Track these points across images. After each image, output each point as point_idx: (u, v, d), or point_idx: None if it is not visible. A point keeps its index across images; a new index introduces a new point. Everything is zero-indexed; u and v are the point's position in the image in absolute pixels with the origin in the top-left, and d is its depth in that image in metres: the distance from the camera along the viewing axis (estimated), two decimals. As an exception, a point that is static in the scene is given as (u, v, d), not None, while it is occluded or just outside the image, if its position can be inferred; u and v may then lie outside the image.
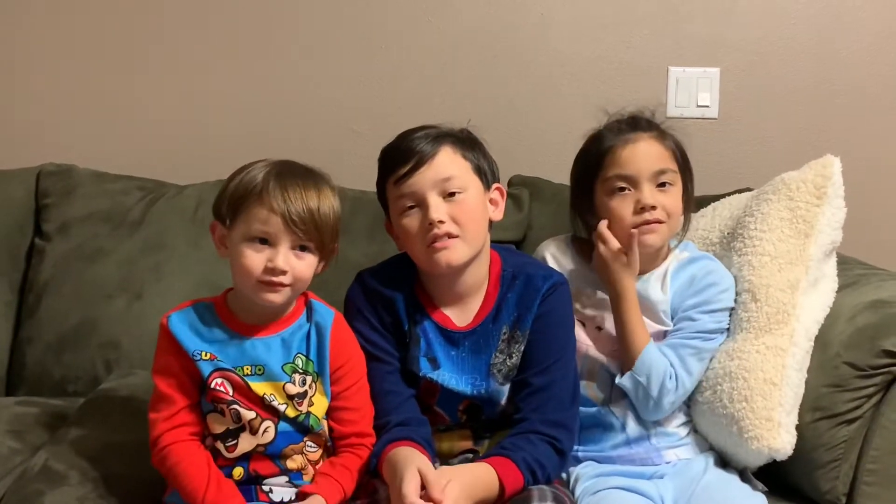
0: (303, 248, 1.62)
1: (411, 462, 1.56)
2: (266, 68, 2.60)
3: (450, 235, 1.69)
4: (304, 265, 1.62)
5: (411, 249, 1.75)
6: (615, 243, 1.86)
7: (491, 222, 1.79)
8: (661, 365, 1.83)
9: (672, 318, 1.91)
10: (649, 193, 1.86)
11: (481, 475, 1.61)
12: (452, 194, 1.71)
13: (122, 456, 1.78)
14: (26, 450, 1.91)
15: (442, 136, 1.75)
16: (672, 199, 1.88)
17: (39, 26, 2.59)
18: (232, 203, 1.62)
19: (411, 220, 1.72)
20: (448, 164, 1.72)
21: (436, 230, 1.69)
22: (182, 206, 2.36)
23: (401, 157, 1.73)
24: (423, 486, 1.53)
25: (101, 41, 2.59)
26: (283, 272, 1.59)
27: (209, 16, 2.59)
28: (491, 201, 1.79)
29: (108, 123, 2.61)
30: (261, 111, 2.60)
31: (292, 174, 1.63)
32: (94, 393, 2.09)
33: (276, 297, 1.62)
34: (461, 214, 1.70)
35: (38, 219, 2.40)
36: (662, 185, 1.87)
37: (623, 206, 1.87)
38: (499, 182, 1.82)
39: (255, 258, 1.60)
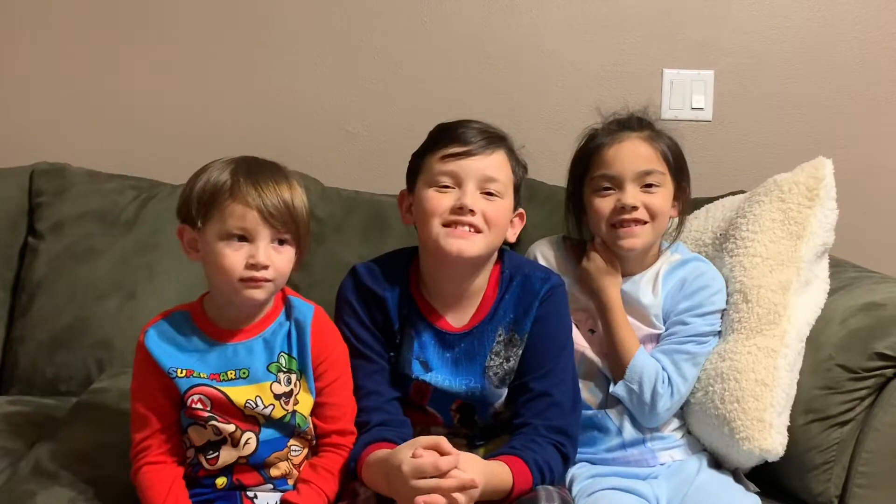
0: (281, 242, 1.61)
1: (398, 450, 1.54)
2: (260, 68, 2.60)
3: (472, 227, 1.69)
4: (283, 259, 1.61)
5: (426, 226, 1.72)
6: (601, 262, 1.89)
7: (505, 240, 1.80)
8: (651, 370, 1.83)
9: (664, 322, 1.91)
10: (631, 194, 1.85)
11: (496, 469, 1.59)
12: (489, 194, 1.71)
13: (113, 456, 1.77)
14: (18, 449, 1.91)
15: (503, 140, 1.76)
16: (658, 200, 1.87)
17: (33, 26, 2.58)
18: (202, 204, 1.59)
19: (443, 196, 1.70)
20: (499, 166, 1.73)
21: (463, 217, 1.68)
22: (175, 206, 2.35)
23: (460, 137, 1.72)
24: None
25: (96, 40, 2.58)
26: (265, 267, 1.58)
27: (204, 16, 2.58)
28: (511, 221, 1.79)
29: (101, 122, 2.60)
30: (255, 111, 2.60)
31: (260, 169, 1.61)
32: (86, 393, 2.08)
33: (259, 294, 1.60)
34: (492, 214, 1.70)
35: (32, 218, 2.39)
36: (648, 185, 1.87)
37: (605, 205, 1.88)
38: (522, 210, 1.83)
39: (235, 256, 1.57)
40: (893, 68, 2.58)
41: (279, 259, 1.60)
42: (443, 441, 1.52)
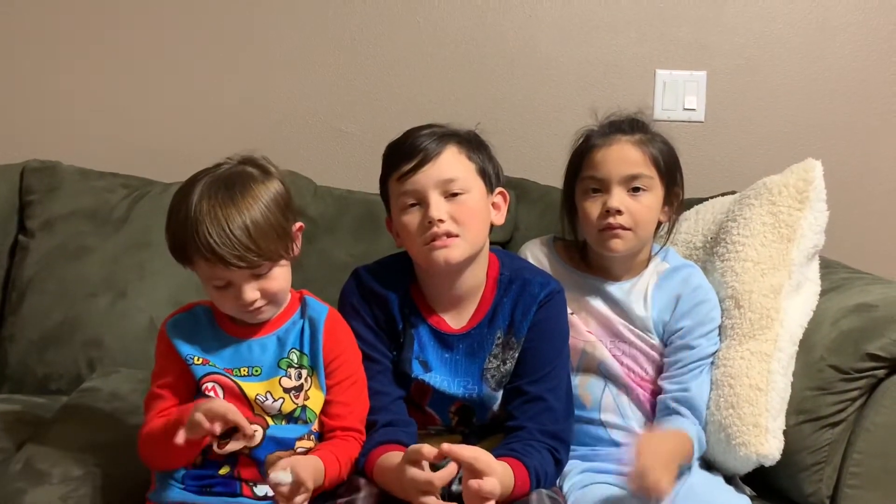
0: (259, 276, 1.60)
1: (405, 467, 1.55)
2: (252, 66, 2.59)
3: (449, 235, 1.68)
4: (276, 282, 1.62)
5: (410, 247, 1.74)
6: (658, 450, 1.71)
7: (492, 226, 1.78)
8: (700, 449, 1.83)
9: (658, 336, 1.89)
10: (617, 197, 1.83)
11: (505, 472, 1.59)
12: (454, 194, 1.69)
13: (104, 454, 1.77)
14: (8, 448, 1.90)
15: (448, 136, 1.73)
16: (642, 205, 1.85)
17: (25, 24, 2.57)
18: (178, 257, 1.62)
19: (411, 218, 1.70)
20: (452, 164, 1.71)
21: (435, 229, 1.67)
22: (167, 204, 2.28)
23: (405, 154, 1.71)
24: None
25: (88, 38, 2.58)
26: (254, 300, 1.60)
27: (196, 14, 2.58)
28: (493, 205, 1.78)
29: (93, 120, 2.59)
30: (247, 110, 2.59)
31: (212, 213, 1.55)
32: (76, 391, 2.07)
33: (263, 316, 1.65)
34: (462, 214, 1.69)
35: (22, 216, 2.39)
36: (636, 189, 1.85)
37: (592, 208, 1.86)
38: (503, 187, 1.80)
39: (226, 298, 1.61)
40: (885, 70, 2.58)
41: (271, 284, 1.61)
42: (424, 447, 1.53)
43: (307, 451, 1.66)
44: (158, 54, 2.59)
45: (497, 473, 1.54)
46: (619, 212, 1.83)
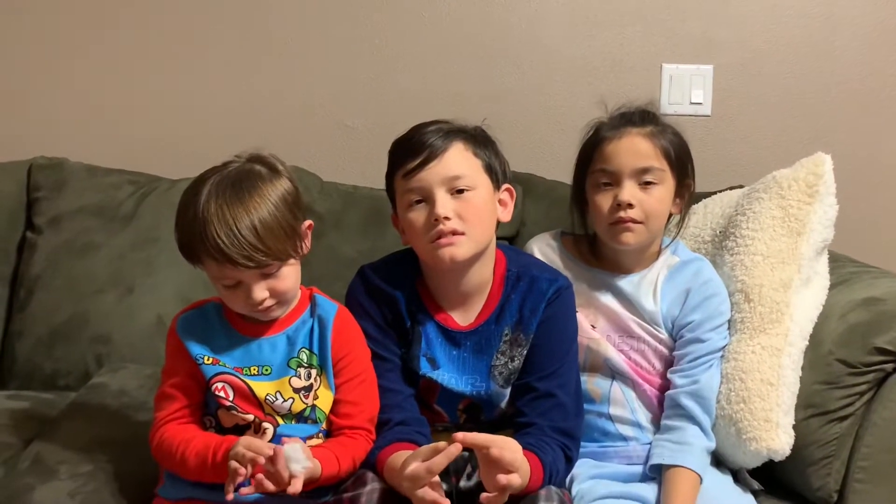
0: (268, 275, 1.59)
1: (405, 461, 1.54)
2: (259, 63, 2.59)
3: (455, 232, 1.67)
4: (285, 281, 1.61)
5: (416, 244, 1.73)
6: None
7: (498, 223, 1.77)
8: (709, 448, 1.82)
9: (667, 330, 1.88)
10: (628, 191, 1.82)
11: (523, 465, 1.57)
12: (461, 191, 1.68)
13: (112, 450, 1.78)
14: (17, 444, 1.91)
15: (454, 132, 1.72)
16: (654, 198, 1.84)
17: (32, 22, 2.58)
18: (187, 256, 1.62)
19: (417, 215, 1.69)
20: (458, 160, 1.70)
21: (441, 226, 1.66)
22: (174, 200, 2.26)
23: (411, 150, 1.70)
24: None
25: (94, 35, 2.58)
26: (263, 299, 1.60)
27: (201, 11, 2.58)
28: (500, 201, 1.77)
29: (99, 117, 2.60)
30: (254, 105, 2.59)
31: (219, 213, 1.55)
32: (84, 387, 2.08)
33: (273, 315, 1.65)
34: (468, 211, 1.68)
35: (30, 212, 2.39)
36: (647, 183, 1.84)
37: (604, 201, 1.85)
38: (509, 183, 1.80)
39: (235, 297, 1.61)
40: (893, 62, 2.58)
41: (280, 284, 1.61)
42: (440, 445, 1.51)
43: None
44: (165, 51, 2.59)
45: (517, 452, 1.52)
46: (630, 205, 1.82)
